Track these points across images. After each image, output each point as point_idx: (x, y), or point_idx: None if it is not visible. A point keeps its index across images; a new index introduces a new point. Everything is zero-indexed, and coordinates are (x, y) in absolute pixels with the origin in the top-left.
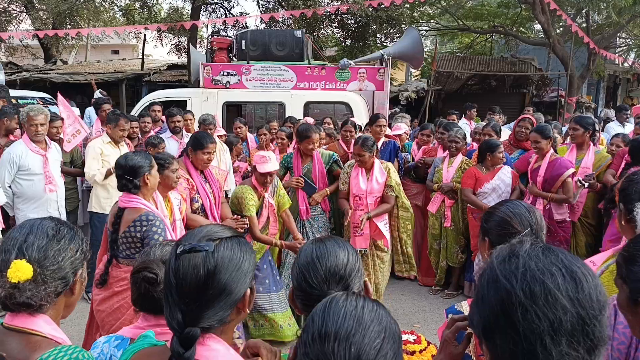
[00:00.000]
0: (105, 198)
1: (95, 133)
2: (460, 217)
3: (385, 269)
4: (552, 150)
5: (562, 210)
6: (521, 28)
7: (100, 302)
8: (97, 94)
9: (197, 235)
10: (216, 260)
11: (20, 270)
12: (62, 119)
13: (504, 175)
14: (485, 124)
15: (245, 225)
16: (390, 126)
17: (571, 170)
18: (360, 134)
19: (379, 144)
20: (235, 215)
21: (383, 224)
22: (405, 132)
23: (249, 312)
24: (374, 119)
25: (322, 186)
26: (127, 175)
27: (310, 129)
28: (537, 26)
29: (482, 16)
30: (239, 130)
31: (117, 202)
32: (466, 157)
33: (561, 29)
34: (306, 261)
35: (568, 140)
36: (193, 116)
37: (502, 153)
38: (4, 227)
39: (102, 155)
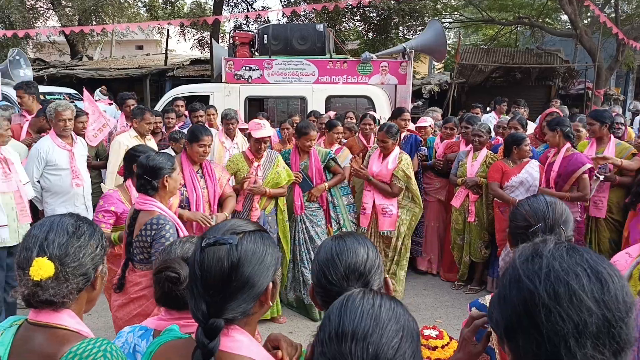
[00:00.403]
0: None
1: (120, 128)
2: (484, 212)
3: (389, 253)
4: (568, 145)
5: (574, 209)
6: (547, 19)
7: (118, 308)
8: (98, 93)
9: (221, 228)
10: (240, 253)
11: (42, 268)
12: (87, 114)
13: (532, 169)
14: (510, 117)
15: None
16: (414, 120)
17: (587, 166)
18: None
19: (401, 137)
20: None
21: (381, 206)
22: (430, 126)
23: (272, 305)
24: (398, 112)
25: (318, 182)
26: (147, 176)
27: (308, 126)
28: (564, 17)
29: (506, 7)
30: None
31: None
32: (491, 152)
33: (589, 19)
34: (326, 257)
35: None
36: (216, 111)
37: (529, 146)
38: (32, 220)
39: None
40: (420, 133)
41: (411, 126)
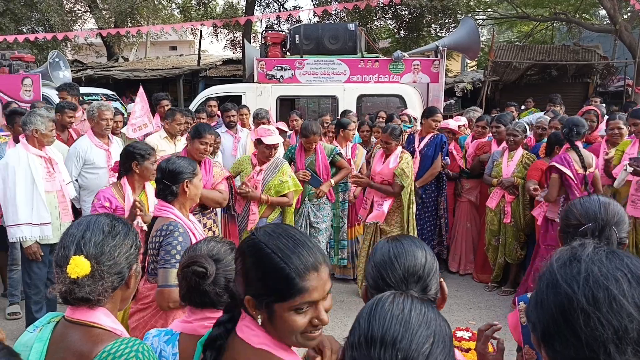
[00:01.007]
0: None
1: (155, 129)
2: (521, 213)
3: None
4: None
5: (555, 208)
6: (585, 14)
7: (129, 315)
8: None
9: None
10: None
11: (79, 266)
12: (122, 114)
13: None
14: (541, 115)
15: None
16: (446, 118)
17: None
18: (417, 126)
19: (428, 137)
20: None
21: (377, 205)
22: (464, 125)
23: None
24: (430, 112)
25: (326, 178)
26: (166, 180)
27: (309, 129)
28: (602, 12)
29: (542, 3)
30: (294, 122)
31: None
32: (527, 151)
33: (628, 14)
34: (383, 259)
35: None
36: (248, 111)
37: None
38: (73, 219)
39: (157, 150)
40: (458, 132)
41: (453, 124)
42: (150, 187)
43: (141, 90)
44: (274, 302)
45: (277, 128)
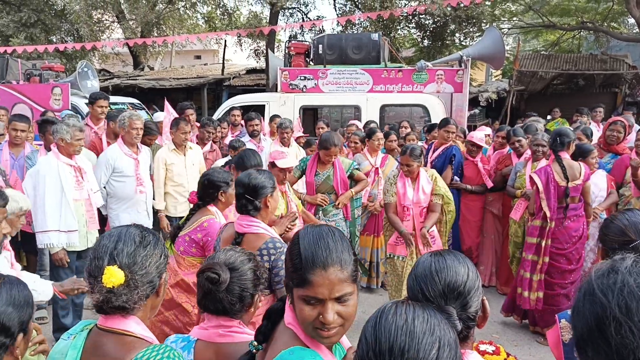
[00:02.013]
0: (173, 203)
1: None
2: None
3: None
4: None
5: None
6: (613, 23)
7: None
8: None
9: None
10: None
11: (114, 276)
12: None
13: (598, 180)
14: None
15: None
16: (470, 129)
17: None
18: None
19: (441, 148)
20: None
21: (435, 238)
22: (488, 135)
23: None
24: (443, 123)
25: (343, 192)
26: (248, 195)
27: (329, 141)
28: (631, 20)
29: (569, 12)
30: (321, 130)
31: (228, 224)
32: None
33: None
34: (424, 273)
35: None
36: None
37: (596, 158)
38: (99, 227)
39: (167, 163)
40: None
41: (477, 137)
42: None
43: (166, 102)
44: (293, 286)
45: (299, 137)
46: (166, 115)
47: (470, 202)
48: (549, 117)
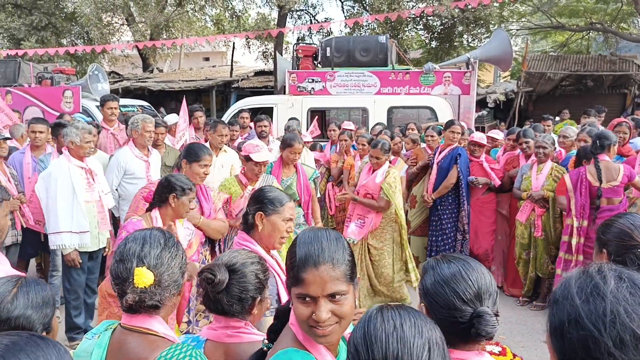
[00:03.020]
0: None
1: (190, 140)
2: (551, 226)
3: (382, 260)
4: None
5: None
6: (622, 24)
7: None
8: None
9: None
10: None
11: (145, 277)
12: (165, 126)
13: None
14: (581, 128)
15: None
16: (478, 129)
17: None
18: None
19: (447, 149)
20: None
21: (358, 219)
22: (493, 139)
23: None
24: (448, 124)
25: (307, 199)
26: (247, 207)
27: (294, 138)
28: None
29: (578, 13)
30: (332, 132)
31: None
32: (556, 164)
33: None
34: (455, 278)
35: None
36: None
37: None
38: (111, 229)
39: None
40: (484, 145)
41: (478, 136)
42: (180, 226)
43: (184, 103)
44: (290, 285)
45: (306, 142)
46: (182, 115)
47: (484, 205)
48: (557, 118)
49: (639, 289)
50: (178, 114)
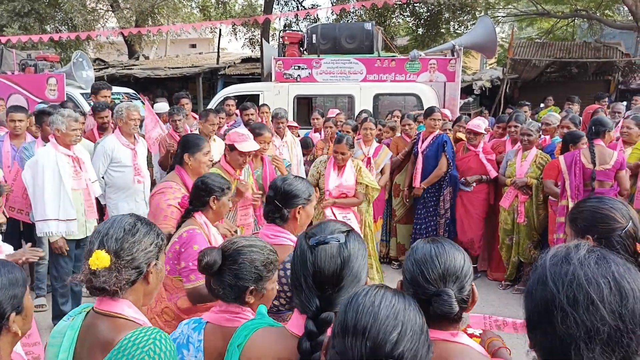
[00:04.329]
0: None
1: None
2: (534, 213)
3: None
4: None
5: None
6: (606, 11)
7: None
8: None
9: (324, 229)
10: (349, 250)
11: (99, 259)
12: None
13: None
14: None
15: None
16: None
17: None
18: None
19: (430, 137)
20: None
21: (342, 217)
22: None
23: None
24: (428, 112)
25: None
26: (278, 202)
27: (262, 127)
28: (625, 8)
29: (563, 0)
30: (315, 121)
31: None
32: (541, 151)
33: None
34: (424, 258)
35: None
36: (269, 109)
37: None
38: (98, 216)
39: None
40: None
41: (473, 124)
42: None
43: (147, 102)
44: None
45: (289, 126)
46: (147, 116)
47: (473, 195)
48: (542, 105)
49: (606, 262)
50: (167, 102)
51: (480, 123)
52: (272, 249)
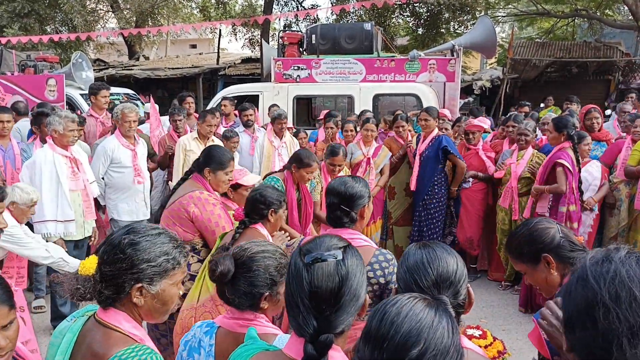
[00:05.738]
0: None
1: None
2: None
3: None
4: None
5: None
6: (607, 10)
7: None
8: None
9: (319, 245)
10: (347, 267)
11: (86, 266)
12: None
13: (593, 169)
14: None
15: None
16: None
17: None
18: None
19: (428, 139)
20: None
21: None
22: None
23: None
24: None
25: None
26: (344, 206)
27: (311, 157)
28: (625, 8)
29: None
30: (330, 130)
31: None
32: (537, 151)
33: None
34: (416, 265)
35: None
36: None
37: (589, 145)
38: (96, 217)
39: (186, 149)
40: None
41: (474, 122)
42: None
43: (153, 102)
44: None
45: (289, 128)
46: (152, 113)
47: (472, 194)
48: (542, 104)
49: None
50: (166, 103)
51: (477, 121)
52: (283, 252)
